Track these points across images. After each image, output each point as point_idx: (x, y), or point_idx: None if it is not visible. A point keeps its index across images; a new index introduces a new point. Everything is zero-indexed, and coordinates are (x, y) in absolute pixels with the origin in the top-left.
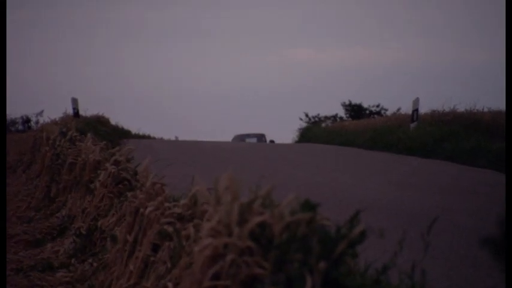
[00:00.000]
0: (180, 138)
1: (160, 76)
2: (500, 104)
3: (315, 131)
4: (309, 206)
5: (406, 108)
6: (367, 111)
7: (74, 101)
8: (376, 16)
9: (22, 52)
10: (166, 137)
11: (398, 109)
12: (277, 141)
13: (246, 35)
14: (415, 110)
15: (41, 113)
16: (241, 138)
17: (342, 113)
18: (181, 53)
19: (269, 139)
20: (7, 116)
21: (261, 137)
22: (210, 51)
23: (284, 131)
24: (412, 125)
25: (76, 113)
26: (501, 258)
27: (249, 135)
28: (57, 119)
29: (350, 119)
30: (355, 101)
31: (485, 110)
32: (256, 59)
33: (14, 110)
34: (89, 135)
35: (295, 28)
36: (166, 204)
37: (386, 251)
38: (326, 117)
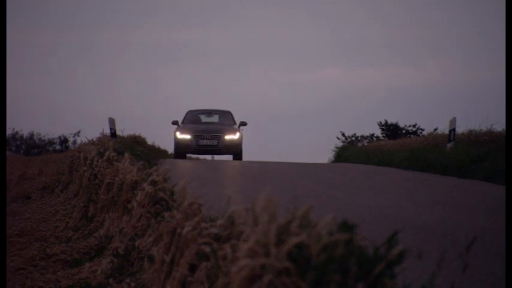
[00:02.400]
0: (216, 158)
1: (197, 96)
2: None
3: (352, 151)
4: (346, 227)
5: (443, 128)
6: (404, 131)
7: (111, 121)
8: (412, 35)
9: (60, 73)
10: (202, 156)
11: (435, 129)
12: (313, 160)
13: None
14: (452, 130)
15: (78, 133)
16: (194, 114)
17: (378, 132)
18: (214, 73)
19: (239, 121)
20: (45, 136)
21: (225, 116)
22: (242, 70)
23: (320, 150)
24: (449, 145)
25: (113, 133)
26: None
27: (207, 112)
28: (94, 139)
29: (386, 138)
30: (392, 120)
31: None
32: (286, 78)
33: (52, 130)
34: (126, 155)
35: (327, 48)
36: (203, 224)
37: (424, 272)
38: (362, 137)
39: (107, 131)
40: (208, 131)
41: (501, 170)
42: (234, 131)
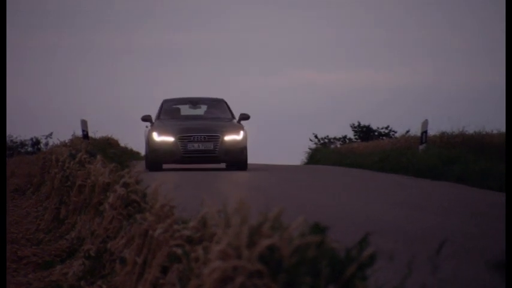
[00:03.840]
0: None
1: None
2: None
3: (324, 153)
4: (318, 229)
5: (415, 130)
6: (376, 133)
7: (83, 123)
8: (383, 38)
9: (32, 74)
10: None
11: (408, 131)
12: (286, 162)
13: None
14: (424, 132)
15: (50, 135)
16: (173, 105)
17: (351, 134)
18: (189, 74)
19: (240, 113)
20: (17, 138)
21: (217, 106)
22: (217, 71)
23: (293, 152)
24: (421, 147)
25: (85, 135)
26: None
27: (192, 102)
28: (66, 141)
29: (359, 140)
30: (364, 122)
31: (495, 132)
32: (260, 79)
33: (24, 132)
34: (98, 157)
35: (301, 49)
36: (176, 227)
37: (395, 274)
38: (335, 139)
39: (79, 133)
40: (200, 129)
41: (472, 172)
42: (236, 129)
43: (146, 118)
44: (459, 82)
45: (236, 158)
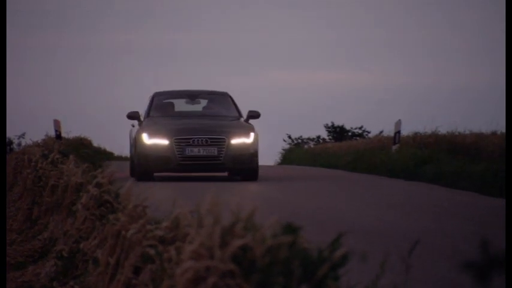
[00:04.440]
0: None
1: (143, 98)
2: (482, 126)
3: (298, 153)
4: (290, 229)
5: (389, 131)
6: (350, 133)
7: (56, 123)
8: (357, 38)
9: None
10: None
11: (381, 131)
12: (260, 162)
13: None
14: (397, 132)
15: (23, 135)
16: (166, 100)
17: (324, 134)
18: (162, 74)
19: (248, 110)
20: None
21: (220, 101)
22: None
23: (267, 153)
24: (394, 147)
25: (58, 135)
26: (483, 281)
27: (190, 95)
28: (39, 142)
29: (333, 140)
30: (338, 123)
31: (467, 132)
32: (235, 80)
33: None
34: (71, 157)
35: (275, 50)
36: (148, 227)
37: (368, 274)
38: (309, 139)
39: (52, 133)
40: (200, 130)
41: (445, 172)
42: (245, 130)
43: (133, 115)
44: (431, 82)
45: (245, 166)
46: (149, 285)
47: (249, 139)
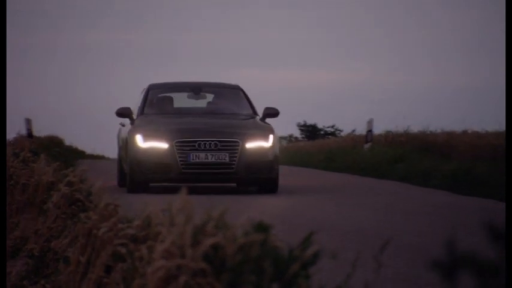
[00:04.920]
0: None
1: (115, 97)
2: (453, 125)
3: None
4: (262, 228)
5: (361, 129)
6: (322, 132)
7: (28, 122)
8: (329, 37)
9: None
10: (112, 156)
11: (353, 130)
12: None
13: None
14: (369, 131)
15: None
16: (164, 94)
17: (297, 133)
18: (133, 73)
19: (264, 107)
20: None
21: (230, 96)
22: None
23: None
24: (366, 146)
25: (29, 134)
26: (449, 280)
27: (193, 88)
28: (10, 140)
29: (305, 139)
30: (310, 121)
31: (439, 131)
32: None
33: None
34: (42, 156)
35: (250, 48)
36: (120, 226)
37: (340, 273)
38: (281, 137)
39: (23, 132)
40: (208, 131)
41: (416, 171)
42: (262, 132)
43: (123, 113)
44: (398, 81)
45: (263, 176)
46: (120, 284)
47: (267, 142)
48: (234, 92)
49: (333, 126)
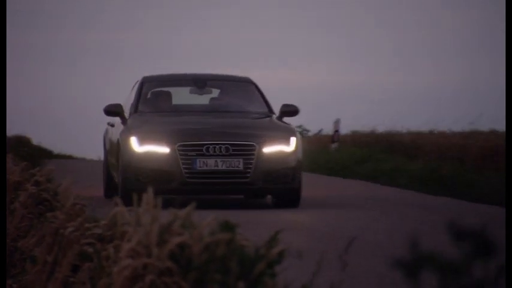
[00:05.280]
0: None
1: (83, 96)
2: (419, 125)
3: None
4: (228, 227)
5: (328, 129)
6: None
7: None
8: (296, 37)
9: None
10: (89, 157)
11: (320, 130)
12: None
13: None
14: (336, 131)
15: None
16: (161, 88)
17: None
18: (101, 73)
19: (281, 104)
20: None
21: (240, 91)
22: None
23: None
24: (333, 146)
25: None
26: (412, 278)
27: (197, 81)
28: None
29: None
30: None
31: (405, 131)
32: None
33: None
34: (9, 155)
35: (213, 49)
36: (87, 225)
37: (306, 271)
38: None
39: None
40: (217, 132)
41: (383, 170)
42: (282, 133)
43: (113, 110)
44: (363, 81)
45: (283, 187)
46: (87, 283)
47: (288, 146)
48: (245, 85)
49: (299, 126)
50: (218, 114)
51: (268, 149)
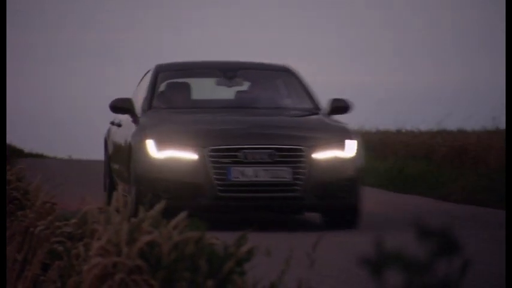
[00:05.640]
0: (73, 157)
1: (53, 94)
2: (388, 124)
3: None
4: (197, 226)
5: None
6: None
7: None
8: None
9: None
10: (59, 155)
11: None
12: None
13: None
14: None
15: None
16: (177, 79)
17: None
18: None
19: (329, 98)
20: None
21: (278, 83)
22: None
23: None
24: None
25: None
26: (377, 276)
27: (225, 70)
28: None
29: None
30: None
31: (374, 130)
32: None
33: None
34: None
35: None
36: (57, 223)
37: (275, 269)
38: None
39: None
40: (257, 133)
41: None
42: (337, 134)
43: (122, 106)
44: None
45: (339, 202)
46: (57, 281)
47: (345, 151)
48: (283, 76)
49: None
50: (252, 111)
51: (321, 155)
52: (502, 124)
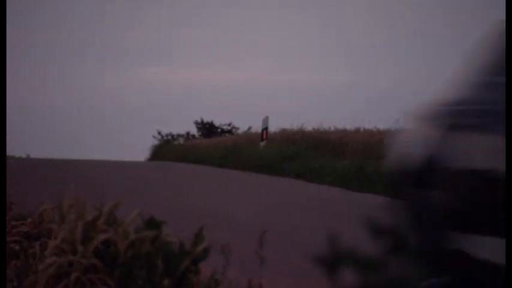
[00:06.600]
0: (31, 156)
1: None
2: (346, 123)
3: (168, 149)
4: (153, 224)
5: (258, 127)
6: (219, 130)
7: None
8: (226, 36)
9: None
10: (17, 154)
11: (249, 128)
12: (131, 159)
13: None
14: (265, 129)
15: None
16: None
17: (194, 131)
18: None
19: None
20: None
21: None
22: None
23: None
24: (262, 143)
25: None
26: (331, 273)
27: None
28: None
29: (202, 137)
30: (208, 119)
31: (332, 129)
32: (107, 77)
33: None
34: None
35: (148, 47)
36: (14, 223)
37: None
38: (179, 135)
39: None
40: None
41: (311, 168)
42: None
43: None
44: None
45: None
46: (14, 280)
47: None
48: None
49: (229, 124)
50: None
51: None
52: None
